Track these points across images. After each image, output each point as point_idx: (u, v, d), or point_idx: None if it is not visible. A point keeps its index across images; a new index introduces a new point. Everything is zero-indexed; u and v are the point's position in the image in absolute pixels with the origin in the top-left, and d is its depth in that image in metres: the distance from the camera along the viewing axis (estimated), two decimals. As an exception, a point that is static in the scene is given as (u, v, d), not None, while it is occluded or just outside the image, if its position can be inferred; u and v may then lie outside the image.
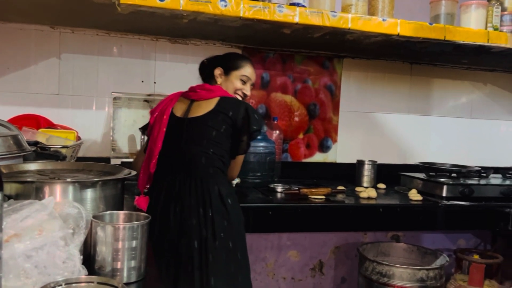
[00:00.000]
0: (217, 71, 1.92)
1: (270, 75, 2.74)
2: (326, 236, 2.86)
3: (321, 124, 2.87)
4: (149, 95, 2.48)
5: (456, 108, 3.11)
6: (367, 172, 2.67)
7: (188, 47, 2.55)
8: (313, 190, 2.22)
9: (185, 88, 1.93)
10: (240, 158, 1.84)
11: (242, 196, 2.21)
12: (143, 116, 2.44)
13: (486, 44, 2.34)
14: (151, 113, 1.89)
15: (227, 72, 1.92)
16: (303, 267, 2.84)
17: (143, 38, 2.49)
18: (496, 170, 2.76)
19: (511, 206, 2.31)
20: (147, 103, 2.46)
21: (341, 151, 2.91)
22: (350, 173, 2.75)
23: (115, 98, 2.43)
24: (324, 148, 2.89)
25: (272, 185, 2.37)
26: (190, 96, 1.85)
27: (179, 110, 1.83)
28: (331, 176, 2.81)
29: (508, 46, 2.38)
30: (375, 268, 2.32)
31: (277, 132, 2.69)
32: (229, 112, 1.74)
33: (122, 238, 1.01)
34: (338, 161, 2.91)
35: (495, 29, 2.41)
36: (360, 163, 2.70)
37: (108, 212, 1.10)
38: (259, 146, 2.43)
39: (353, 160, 2.78)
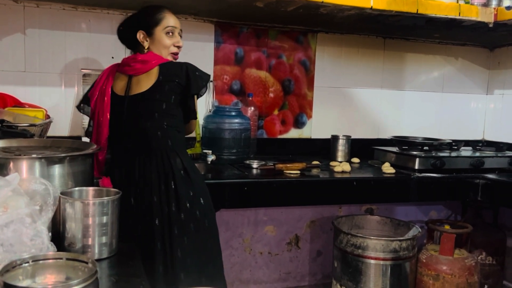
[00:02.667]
0: (140, 35, 1.75)
1: (244, 51, 2.70)
2: (302, 210, 2.89)
3: (296, 100, 2.87)
4: (120, 71, 2.42)
5: (428, 82, 3.14)
6: (341, 147, 2.69)
7: (159, 22, 2.48)
8: (288, 166, 2.23)
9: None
10: (194, 122, 1.82)
11: (218, 172, 2.20)
12: (114, 93, 2.38)
13: (457, 17, 2.36)
14: (90, 96, 1.77)
15: (149, 32, 1.75)
16: (280, 241, 2.87)
17: (112, 12, 2.41)
18: (467, 142, 2.82)
19: (480, 177, 2.37)
20: (118, 79, 2.40)
21: (316, 127, 2.92)
22: (325, 148, 2.77)
23: (84, 75, 2.36)
24: (299, 124, 2.90)
25: (247, 162, 2.36)
26: (126, 71, 1.73)
27: (119, 88, 1.73)
28: (307, 152, 2.82)
29: (479, 19, 2.40)
30: (349, 241, 2.37)
31: (252, 108, 2.68)
32: (175, 79, 1.67)
33: (92, 214, 1.00)
34: (313, 136, 2.92)
35: (466, 2, 2.43)
36: (335, 138, 2.72)
37: (77, 188, 1.08)
38: (234, 122, 2.42)
39: (328, 135, 2.80)
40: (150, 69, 1.69)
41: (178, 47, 1.80)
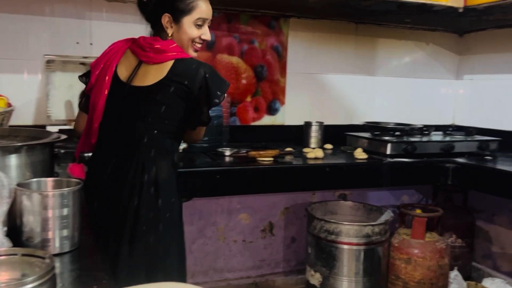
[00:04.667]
0: (165, 19, 1.53)
1: (216, 36, 2.64)
2: (276, 198, 2.88)
3: (268, 87, 2.83)
4: (85, 57, 2.33)
5: (399, 67, 3.15)
6: (314, 133, 2.68)
7: (126, 6, 2.40)
8: (261, 153, 2.20)
9: None
10: (202, 128, 1.63)
11: (190, 161, 2.16)
12: (79, 81, 2.29)
13: (428, 2, 2.36)
14: (92, 67, 1.60)
15: (176, 19, 1.54)
16: (254, 229, 2.86)
17: (76, -5, 2.32)
18: (437, 127, 2.85)
19: (450, 161, 2.40)
20: (84, 66, 2.31)
21: (289, 114, 2.90)
22: (298, 135, 2.76)
23: (48, 61, 2.27)
24: (272, 110, 2.87)
25: (220, 149, 2.32)
26: (138, 54, 1.54)
27: (124, 70, 1.54)
28: (280, 139, 2.80)
29: (449, 4, 2.41)
30: (323, 226, 2.37)
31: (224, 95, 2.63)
32: (184, 81, 1.47)
33: (51, 207, 0.94)
34: (286, 123, 2.90)
35: (437, -13, 2.43)
36: (308, 124, 2.70)
37: (35, 179, 1.02)
38: (205, 109, 2.37)
39: (301, 122, 2.78)
40: (162, 62, 1.49)
41: (204, 40, 1.61)
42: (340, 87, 3.00)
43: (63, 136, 1.14)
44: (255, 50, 2.76)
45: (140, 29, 2.17)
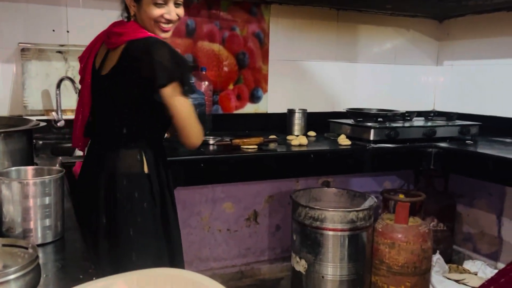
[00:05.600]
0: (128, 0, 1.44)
1: (196, 22, 2.60)
2: (260, 186, 2.87)
3: (251, 74, 2.80)
4: (62, 45, 2.26)
5: (381, 54, 3.16)
6: (297, 121, 2.67)
7: (103, -8, 2.33)
8: (245, 141, 2.18)
9: None
10: (182, 123, 1.39)
11: (173, 150, 2.12)
12: (56, 69, 2.23)
13: (409, -13, 2.36)
14: (79, 60, 1.55)
15: None
16: (238, 218, 2.85)
17: (51, -19, 2.24)
18: (419, 113, 2.87)
19: (432, 146, 2.43)
20: (61, 54, 2.25)
21: (272, 101, 2.88)
22: (281, 122, 2.74)
23: (23, 50, 2.19)
24: (255, 98, 2.84)
25: (203, 138, 2.29)
26: (105, 42, 1.47)
27: (99, 60, 1.48)
28: (263, 127, 2.78)
29: (430, -11, 2.41)
30: (307, 213, 2.37)
31: (206, 83, 2.59)
32: (133, 64, 1.35)
33: (32, 195, 0.91)
34: (269, 111, 2.88)
35: (418, -28, 2.43)
36: (291, 112, 2.69)
37: (14, 168, 0.98)
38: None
39: (284, 109, 2.76)
40: (118, 46, 1.39)
41: (169, 20, 1.43)
42: (323, 74, 2.99)
43: (42, 123, 1.10)
44: (237, 37, 2.73)
45: (117, 15, 2.10)
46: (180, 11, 1.45)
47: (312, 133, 2.67)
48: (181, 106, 1.37)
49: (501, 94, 2.89)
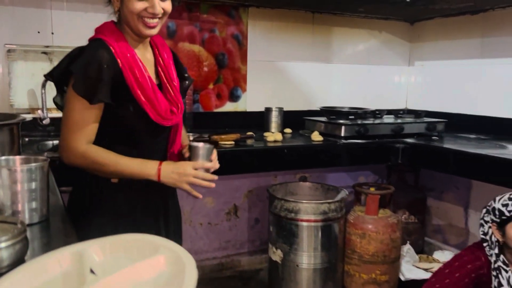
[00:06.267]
0: None
1: (176, 24, 2.72)
2: (239, 181, 2.99)
3: (230, 74, 2.93)
4: (47, 46, 2.36)
5: (354, 55, 3.31)
6: (274, 119, 2.81)
7: (87, -5, 2.44)
8: (223, 137, 2.31)
9: (85, 41, 1.65)
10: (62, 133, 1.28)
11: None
12: (42, 69, 2.33)
13: (377, -8, 2.50)
14: None
15: None
16: (219, 212, 2.97)
17: (35, -15, 2.34)
18: (390, 111, 3.03)
19: (400, 142, 2.58)
20: (46, 55, 2.35)
21: (251, 100, 3.01)
22: (259, 120, 2.87)
23: (9, 51, 2.29)
24: (234, 97, 2.97)
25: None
26: None
27: None
28: (242, 125, 2.91)
29: (397, -6, 2.56)
30: (283, 206, 2.50)
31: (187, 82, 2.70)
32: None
33: (20, 181, 1.02)
34: (248, 109, 3.01)
35: (386, -22, 2.58)
36: (268, 110, 2.82)
37: (3, 157, 1.09)
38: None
39: (262, 108, 2.90)
40: None
41: (154, 14, 1.29)
42: (299, 74, 3.13)
43: (29, 118, 1.21)
44: (216, 38, 2.85)
45: (102, 17, 2.20)
46: (166, 5, 1.32)
47: (288, 130, 2.81)
48: (65, 107, 1.29)
49: (466, 93, 3.05)
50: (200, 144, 1.38)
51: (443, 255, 3.06)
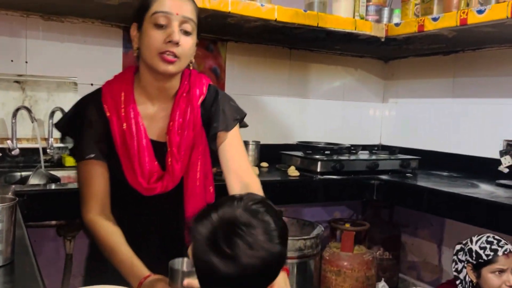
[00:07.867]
0: (133, 31, 1.26)
1: (154, 57, 2.71)
2: (214, 215, 2.93)
3: (207, 107, 2.91)
4: (20, 75, 2.31)
5: (330, 91, 3.36)
6: (251, 152, 2.79)
7: (63, 25, 2.40)
8: (198, 171, 2.27)
9: (60, 70, 1.58)
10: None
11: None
12: (14, 98, 2.27)
13: (353, 31, 2.57)
14: None
15: (140, 23, 1.22)
16: (192, 247, 2.89)
17: (11, 13, 2.29)
18: (365, 147, 3.06)
19: (375, 178, 2.59)
20: (18, 84, 2.29)
21: (227, 133, 2.99)
22: (235, 153, 2.85)
23: (-20, 79, 2.22)
24: (210, 130, 2.94)
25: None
26: None
27: None
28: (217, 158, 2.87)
29: (372, 34, 2.64)
30: (258, 242, 2.45)
31: (163, 114, 2.68)
32: None
33: (-16, 222, 0.97)
34: (225, 142, 2.98)
35: (362, 18, 2.66)
36: (245, 143, 2.80)
37: (-33, 195, 1.03)
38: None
39: (238, 141, 2.87)
40: None
41: (171, 41, 1.17)
42: (276, 108, 3.15)
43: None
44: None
45: (77, 48, 2.18)
46: (187, 40, 1.21)
47: (265, 164, 2.80)
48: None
49: (438, 131, 3.12)
50: (183, 265, 1.10)
51: (418, 292, 3.06)
